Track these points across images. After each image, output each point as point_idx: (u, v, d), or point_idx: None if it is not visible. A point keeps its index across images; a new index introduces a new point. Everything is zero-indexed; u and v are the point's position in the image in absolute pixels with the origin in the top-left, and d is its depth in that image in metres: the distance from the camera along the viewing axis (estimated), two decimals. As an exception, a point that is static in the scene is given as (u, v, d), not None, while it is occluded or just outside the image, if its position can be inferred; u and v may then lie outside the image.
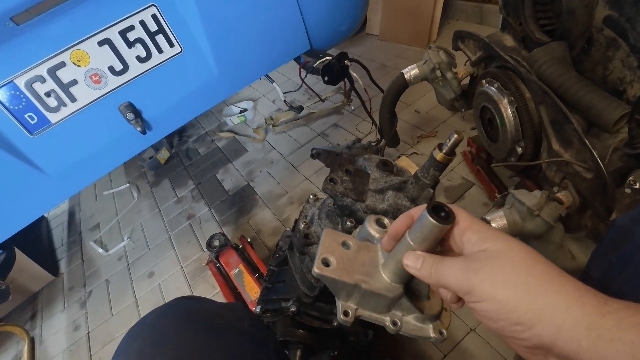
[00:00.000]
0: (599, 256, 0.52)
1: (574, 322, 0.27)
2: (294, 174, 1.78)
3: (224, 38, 1.01)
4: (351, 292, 0.42)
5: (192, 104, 1.04)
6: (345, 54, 1.17)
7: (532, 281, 0.29)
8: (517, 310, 0.29)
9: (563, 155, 0.90)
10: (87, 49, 0.90)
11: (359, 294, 0.42)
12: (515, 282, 0.29)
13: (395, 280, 0.41)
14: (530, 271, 0.30)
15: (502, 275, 0.30)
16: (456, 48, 1.32)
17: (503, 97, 1.01)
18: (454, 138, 0.47)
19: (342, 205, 0.58)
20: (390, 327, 0.43)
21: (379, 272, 0.42)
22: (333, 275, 0.41)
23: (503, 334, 0.31)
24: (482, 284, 0.30)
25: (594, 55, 0.91)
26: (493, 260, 0.31)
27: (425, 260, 0.36)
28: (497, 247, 0.32)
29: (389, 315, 0.43)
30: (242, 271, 1.21)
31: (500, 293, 0.29)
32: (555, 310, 0.27)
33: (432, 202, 0.35)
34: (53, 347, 1.54)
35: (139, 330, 0.49)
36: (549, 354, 0.29)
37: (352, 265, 0.42)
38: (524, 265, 0.30)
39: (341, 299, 0.43)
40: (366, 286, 0.41)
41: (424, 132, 1.68)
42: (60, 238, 2.11)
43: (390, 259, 0.41)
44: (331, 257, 0.42)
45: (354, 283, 0.41)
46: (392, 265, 0.41)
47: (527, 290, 0.29)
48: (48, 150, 0.94)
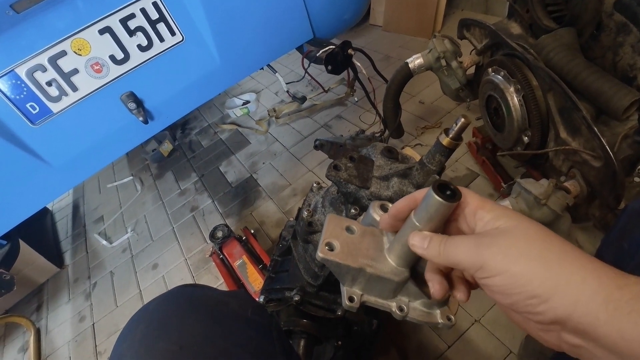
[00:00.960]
0: (611, 241, 0.51)
1: (591, 294, 0.26)
2: (297, 165, 1.77)
3: (226, 26, 1.00)
4: (356, 277, 0.41)
5: (194, 94, 1.03)
6: (348, 43, 1.15)
7: (547, 254, 0.28)
8: (532, 283, 0.28)
9: (571, 143, 0.88)
10: (88, 38, 0.89)
11: (364, 278, 0.41)
12: (529, 255, 0.28)
13: (401, 264, 0.40)
14: (544, 245, 0.29)
15: (516, 249, 0.29)
16: (461, 37, 1.29)
17: (509, 86, 0.99)
18: (461, 122, 0.46)
19: (346, 192, 0.57)
20: (396, 312, 0.42)
21: (384, 256, 0.41)
22: (337, 260, 0.40)
23: (517, 309, 0.30)
24: (495, 257, 0.29)
25: (604, 41, 0.89)
26: (506, 235, 0.30)
27: (432, 239, 0.35)
28: (510, 224, 0.31)
29: (395, 301, 0.42)
30: (246, 262, 1.21)
31: (514, 266, 0.28)
32: (571, 282, 0.26)
33: (437, 180, 0.34)
34: (59, 337, 1.55)
35: (142, 316, 0.49)
36: (563, 330, 0.28)
37: (357, 249, 0.41)
38: (538, 239, 0.29)
39: (346, 284, 0.42)
40: (371, 270, 0.40)
41: (428, 123, 1.66)
42: (65, 230, 2.12)
43: (395, 242, 0.40)
44: (335, 241, 0.41)
45: (358, 267, 0.40)
46: (397, 249, 0.40)
47: (542, 263, 0.28)
48: (50, 140, 0.93)
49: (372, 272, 0.40)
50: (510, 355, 0.97)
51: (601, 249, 0.54)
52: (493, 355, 0.98)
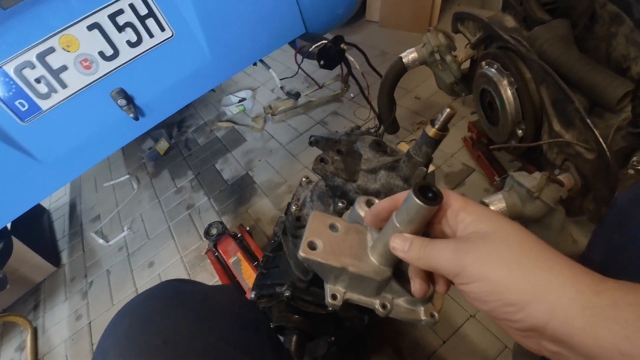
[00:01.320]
0: (601, 235, 0.50)
1: (568, 301, 0.26)
2: (293, 162, 1.76)
3: (216, 21, 0.99)
4: (339, 276, 0.41)
5: (185, 90, 1.02)
6: (341, 37, 1.14)
7: (525, 260, 0.28)
8: (509, 290, 0.27)
9: (564, 136, 0.87)
10: (77, 34, 0.88)
11: (347, 277, 0.40)
12: (508, 261, 0.28)
13: (384, 263, 0.40)
14: (523, 250, 0.29)
15: (494, 255, 0.29)
16: (456, 30, 1.29)
17: (503, 78, 0.98)
18: (447, 112, 0.45)
19: (333, 185, 0.56)
20: (379, 310, 0.41)
21: (367, 255, 0.41)
22: (319, 259, 0.39)
23: (495, 316, 0.30)
24: (474, 264, 0.29)
25: (597, 32, 0.88)
26: (485, 240, 0.30)
27: (413, 242, 0.34)
28: (490, 228, 0.31)
29: (379, 299, 0.42)
30: (240, 259, 1.20)
31: (492, 273, 0.28)
32: (548, 289, 0.26)
33: (418, 182, 0.33)
34: (55, 336, 1.55)
35: (127, 311, 0.48)
36: (541, 337, 0.28)
37: (340, 248, 0.41)
38: (517, 244, 0.29)
39: (329, 282, 0.42)
40: (353, 269, 0.40)
41: (424, 119, 1.66)
42: (61, 230, 2.11)
43: (377, 241, 0.40)
44: (318, 240, 0.41)
45: (340, 267, 0.39)
46: (379, 248, 0.40)
47: (519, 269, 0.28)
48: (40, 137, 0.93)
49: (354, 272, 0.39)
50: (505, 350, 0.96)
51: (592, 242, 0.54)
52: (488, 350, 0.97)
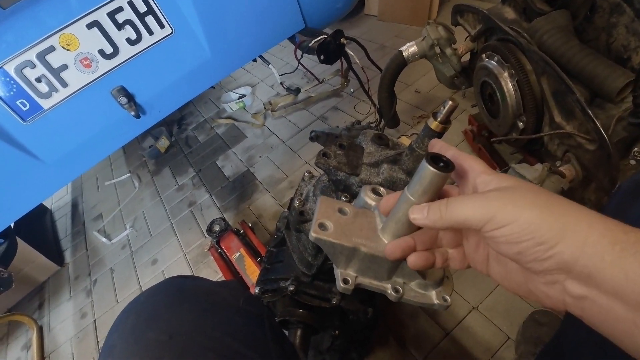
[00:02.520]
0: None
1: (598, 237, 0.26)
2: (293, 158, 1.76)
3: (216, 17, 0.99)
4: (350, 258, 0.40)
5: (185, 87, 1.02)
6: (341, 32, 1.14)
7: (555, 203, 0.29)
8: (541, 229, 0.28)
9: (565, 127, 0.88)
10: (76, 33, 0.88)
11: (358, 259, 0.40)
12: (538, 204, 0.29)
13: None
14: (549, 198, 0.30)
15: (524, 199, 0.30)
16: (455, 23, 1.28)
17: (503, 71, 0.98)
18: (449, 105, 0.45)
19: (336, 179, 0.56)
20: (392, 294, 0.41)
21: (377, 236, 0.41)
22: (331, 239, 0.39)
23: (523, 258, 0.30)
24: (505, 207, 0.30)
25: (597, 23, 0.87)
26: (513, 189, 0.31)
27: (431, 206, 0.34)
28: (514, 183, 0.32)
29: (390, 283, 0.42)
30: (243, 255, 1.21)
31: (524, 215, 0.29)
32: (578, 226, 0.27)
33: (429, 152, 0.34)
34: (61, 334, 1.56)
35: (133, 307, 0.49)
36: (568, 277, 0.29)
37: (350, 230, 0.41)
38: (541, 193, 0.31)
39: (340, 266, 0.41)
40: (365, 249, 0.39)
41: (424, 112, 1.65)
42: (64, 229, 2.12)
43: (389, 220, 0.40)
44: (328, 222, 0.41)
45: (352, 246, 0.39)
46: (391, 227, 0.39)
47: (550, 210, 0.29)
48: (42, 137, 0.93)
49: (366, 252, 0.39)
50: (508, 341, 0.97)
51: None
52: (491, 341, 0.98)
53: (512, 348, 0.96)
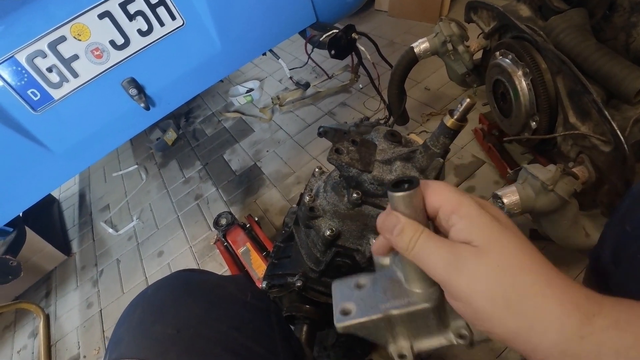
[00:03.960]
0: (614, 225, 0.50)
1: (550, 345, 0.25)
2: (301, 153, 1.76)
3: (227, 10, 0.98)
4: (392, 328, 0.35)
5: (195, 79, 1.02)
6: (352, 27, 1.13)
7: (513, 295, 0.26)
8: (491, 323, 0.27)
9: (580, 128, 0.86)
10: (88, 23, 0.88)
11: (399, 324, 0.35)
12: (495, 293, 0.27)
13: (426, 286, 0.34)
14: (514, 280, 0.27)
15: (483, 284, 0.27)
16: (469, 20, 1.26)
17: (517, 69, 0.97)
18: (466, 103, 0.45)
19: (347, 176, 0.56)
20: (459, 341, 0.34)
21: (405, 289, 0.35)
22: (358, 321, 0.35)
23: (483, 331, 0.30)
24: (462, 287, 0.28)
25: (616, 22, 0.85)
26: (477, 261, 0.28)
27: (405, 229, 0.31)
28: (485, 242, 0.28)
29: (450, 331, 0.35)
30: (250, 249, 1.21)
31: (476, 302, 0.27)
32: (532, 331, 0.26)
33: (394, 179, 0.32)
34: (67, 323, 1.58)
35: (140, 301, 0.49)
36: None
37: (374, 299, 0.36)
38: (509, 270, 0.27)
39: (389, 343, 0.36)
40: (397, 311, 0.34)
41: (434, 110, 1.64)
42: (71, 219, 2.14)
43: (403, 267, 0.35)
44: (348, 304, 0.37)
45: (383, 315, 0.35)
46: (410, 272, 0.34)
47: (505, 305, 0.26)
48: (52, 127, 0.93)
49: (400, 313, 0.34)
50: (514, 342, 0.96)
51: (604, 234, 0.53)
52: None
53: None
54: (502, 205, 0.83)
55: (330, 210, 0.61)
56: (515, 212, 0.82)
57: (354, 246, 0.61)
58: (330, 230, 0.58)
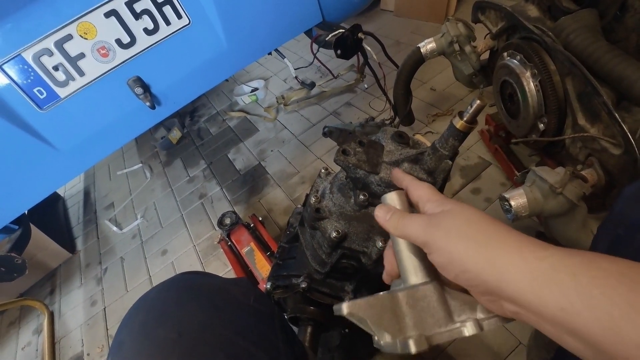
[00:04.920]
0: (606, 229, 0.49)
1: (514, 268, 0.30)
2: (305, 153, 1.75)
3: (233, 9, 0.98)
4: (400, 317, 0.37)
5: (201, 78, 1.02)
6: (359, 26, 1.12)
7: (480, 236, 0.33)
8: (466, 260, 0.32)
9: (589, 130, 0.85)
10: (94, 21, 0.88)
11: (407, 311, 0.37)
12: (465, 235, 0.33)
13: (425, 275, 0.39)
14: (479, 228, 0.34)
15: (455, 230, 0.34)
16: (476, 20, 1.25)
17: (526, 70, 0.95)
18: (476, 104, 0.44)
19: (354, 177, 0.55)
20: (473, 328, 0.35)
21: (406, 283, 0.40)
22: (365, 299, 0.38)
23: (459, 283, 0.35)
24: (438, 236, 0.35)
25: (628, 23, 0.84)
26: (450, 217, 0.35)
27: (394, 213, 0.41)
28: (453, 208, 0.36)
29: (460, 321, 0.37)
30: (254, 249, 1.21)
31: (453, 246, 0.33)
32: (497, 259, 0.31)
33: None
34: (71, 321, 1.59)
35: (142, 303, 0.48)
36: (500, 299, 0.32)
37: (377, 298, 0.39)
38: (474, 222, 0.34)
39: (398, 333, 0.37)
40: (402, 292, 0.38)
41: (439, 111, 1.63)
42: (76, 217, 2.15)
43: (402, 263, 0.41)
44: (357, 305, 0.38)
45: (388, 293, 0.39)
46: (408, 265, 0.40)
47: (475, 243, 0.33)
48: (58, 125, 0.93)
49: (404, 294, 0.38)
50: (519, 346, 0.95)
51: (597, 237, 0.52)
52: (501, 346, 0.96)
53: (523, 354, 0.94)
54: (509, 207, 0.82)
55: (337, 212, 0.60)
56: (522, 215, 0.82)
57: (360, 248, 0.60)
58: (336, 231, 0.58)
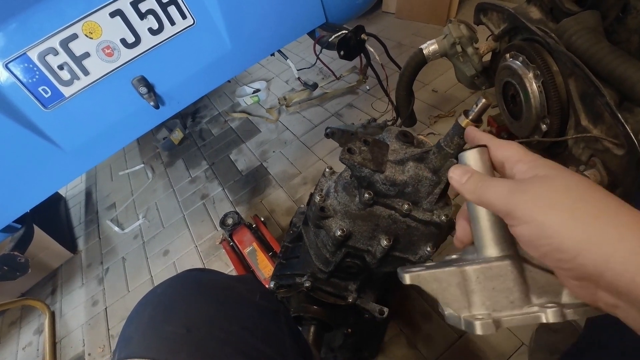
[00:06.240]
0: None
1: (627, 254, 0.23)
2: (307, 154, 1.75)
3: (237, 10, 0.98)
4: (469, 293, 0.33)
5: (205, 79, 1.02)
6: (362, 28, 1.13)
7: (582, 206, 0.25)
8: (558, 235, 0.25)
9: (592, 131, 0.85)
10: (99, 21, 0.88)
11: (477, 288, 0.33)
12: (562, 205, 0.26)
13: (503, 248, 0.34)
14: (582, 196, 0.26)
15: (548, 198, 0.27)
16: (478, 22, 1.26)
17: (528, 71, 0.96)
18: (482, 103, 0.44)
19: (359, 176, 0.55)
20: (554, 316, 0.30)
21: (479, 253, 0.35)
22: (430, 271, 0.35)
23: (548, 262, 0.28)
24: (525, 204, 0.27)
25: (630, 24, 0.84)
26: (543, 183, 0.28)
27: (472, 175, 0.33)
28: (550, 172, 0.29)
29: (537, 305, 0.32)
30: (256, 249, 1.21)
31: (542, 215, 0.26)
32: (604, 238, 0.24)
33: None
34: (73, 321, 1.58)
35: (150, 299, 0.48)
36: (598, 288, 0.26)
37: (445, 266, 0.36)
38: (576, 189, 0.27)
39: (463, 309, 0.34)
40: (473, 267, 0.33)
41: (441, 112, 1.63)
42: (78, 217, 2.15)
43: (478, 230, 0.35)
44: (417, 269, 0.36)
45: (457, 268, 0.34)
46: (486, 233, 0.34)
47: (573, 215, 0.25)
48: (62, 124, 0.94)
49: (475, 269, 0.33)
50: (522, 347, 0.95)
51: None
52: (504, 346, 0.96)
53: (526, 354, 0.94)
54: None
55: (341, 211, 0.60)
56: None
57: (364, 247, 0.61)
58: (341, 230, 0.58)
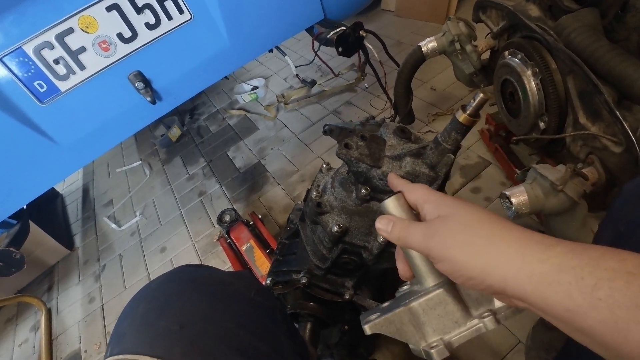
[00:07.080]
0: (607, 225, 0.49)
1: (516, 272, 0.29)
2: (305, 151, 1.75)
3: (235, 5, 0.98)
4: (420, 325, 0.38)
5: (202, 74, 1.01)
6: (360, 24, 1.12)
7: (477, 241, 0.32)
8: (466, 268, 0.32)
9: (590, 129, 0.85)
10: (95, 15, 0.88)
11: (425, 319, 0.38)
12: (463, 243, 0.33)
13: (437, 277, 0.39)
14: (476, 231, 0.33)
15: (452, 238, 0.33)
16: (477, 19, 1.25)
17: (527, 69, 0.96)
18: (480, 97, 0.44)
19: (356, 171, 0.55)
20: (492, 324, 0.36)
21: (420, 287, 0.40)
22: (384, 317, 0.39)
23: (467, 286, 0.35)
24: (436, 247, 0.34)
25: (629, 22, 0.84)
26: (445, 225, 0.35)
27: (395, 224, 0.39)
28: (449, 212, 0.36)
29: (476, 317, 0.37)
30: (253, 246, 1.20)
31: (451, 254, 0.33)
32: (498, 264, 0.30)
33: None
34: (69, 317, 1.58)
35: (144, 294, 0.48)
36: (508, 297, 0.32)
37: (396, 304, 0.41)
38: (470, 226, 0.33)
39: (421, 342, 0.38)
40: (417, 301, 0.38)
41: (439, 110, 1.63)
42: (75, 214, 2.14)
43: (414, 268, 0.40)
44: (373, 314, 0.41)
45: (405, 308, 0.38)
46: (420, 268, 0.39)
47: (472, 250, 0.32)
48: (58, 119, 0.93)
49: (419, 302, 0.38)
50: (519, 345, 0.95)
51: (599, 234, 0.52)
52: (501, 344, 0.96)
53: (522, 352, 0.94)
54: (510, 205, 0.82)
55: (338, 206, 0.60)
56: (523, 213, 0.82)
57: (361, 243, 0.60)
58: (337, 226, 0.58)
